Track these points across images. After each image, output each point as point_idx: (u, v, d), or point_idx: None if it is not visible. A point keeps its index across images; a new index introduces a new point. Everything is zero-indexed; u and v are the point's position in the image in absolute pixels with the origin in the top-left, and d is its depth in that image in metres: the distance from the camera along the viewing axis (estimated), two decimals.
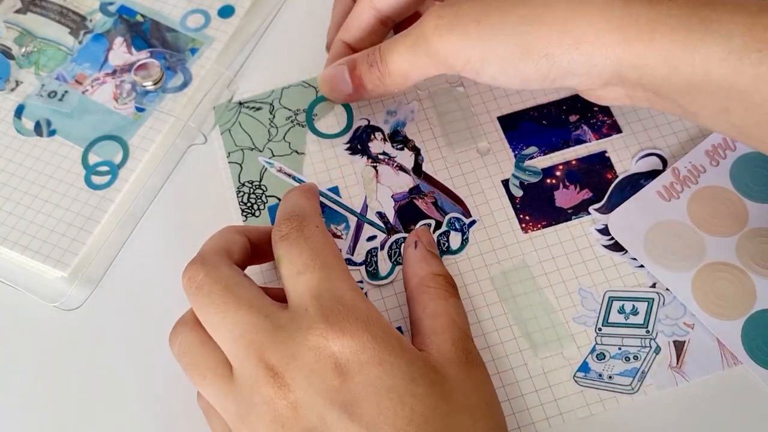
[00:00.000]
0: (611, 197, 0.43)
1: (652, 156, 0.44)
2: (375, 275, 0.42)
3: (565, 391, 0.39)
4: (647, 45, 0.34)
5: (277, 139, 0.47)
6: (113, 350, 0.42)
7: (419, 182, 0.45)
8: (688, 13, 0.34)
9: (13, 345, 0.42)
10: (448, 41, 0.38)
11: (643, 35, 0.34)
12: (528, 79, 0.38)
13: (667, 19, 0.34)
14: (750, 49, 0.32)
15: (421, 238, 0.41)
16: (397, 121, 0.47)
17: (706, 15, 0.34)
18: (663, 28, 0.34)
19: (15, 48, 0.50)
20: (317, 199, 0.39)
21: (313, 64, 0.49)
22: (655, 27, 0.34)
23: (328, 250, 0.35)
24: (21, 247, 0.44)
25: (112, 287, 0.44)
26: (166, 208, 0.46)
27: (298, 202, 0.38)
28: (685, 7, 0.34)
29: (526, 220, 0.43)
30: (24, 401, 0.41)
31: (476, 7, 0.38)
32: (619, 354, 0.39)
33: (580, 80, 0.37)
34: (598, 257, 0.42)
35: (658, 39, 0.34)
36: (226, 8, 0.51)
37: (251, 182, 0.46)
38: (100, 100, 0.48)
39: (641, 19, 0.34)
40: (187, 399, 0.39)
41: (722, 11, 0.33)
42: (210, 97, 0.48)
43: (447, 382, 0.33)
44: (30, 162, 0.46)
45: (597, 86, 0.38)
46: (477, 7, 0.38)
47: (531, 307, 0.41)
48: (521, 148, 0.45)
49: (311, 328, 0.32)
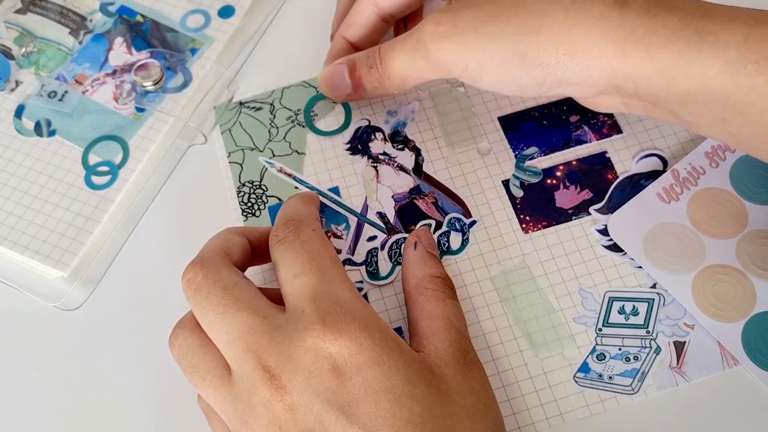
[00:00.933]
0: (612, 197, 0.43)
1: (652, 156, 0.44)
2: (375, 275, 0.42)
3: (565, 391, 0.39)
4: (643, 56, 0.34)
5: (278, 139, 0.47)
6: (113, 350, 0.42)
7: (420, 182, 0.45)
8: (684, 24, 0.34)
9: (13, 345, 0.42)
10: (446, 49, 0.38)
11: (639, 46, 0.34)
12: (524, 87, 0.38)
13: (663, 30, 0.34)
14: (746, 60, 0.32)
15: (421, 239, 0.41)
16: (398, 122, 0.47)
17: (703, 26, 0.34)
18: (659, 39, 0.34)
19: (15, 48, 0.50)
20: (316, 206, 0.40)
21: (314, 64, 0.49)
22: (651, 39, 0.34)
23: (325, 253, 0.35)
24: (21, 247, 0.44)
25: (112, 287, 0.44)
26: (166, 208, 0.46)
27: (296, 208, 0.38)
28: (682, 18, 0.34)
29: (527, 221, 0.43)
30: (24, 401, 0.41)
31: (474, 14, 0.38)
32: (619, 354, 0.39)
33: (576, 89, 0.38)
34: (598, 257, 0.42)
35: (654, 50, 0.34)
36: (226, 8, 0.51)
37: (251, 182, 0.46)
38: (100, 100, 0.48)
39: (637, 31, 0.34)
40: (187, 399, 0.39)
41: (719, 22, 0.33)
42: (210, 97, 0.48)
43: (444, 384, 0.33)
44: (30, 162, 0.46)
45: (592, 95, 0.38)
46: (475, 15, 0.38)
47: (531, 308, 0.41)
48: (522, 149, 0.45)
49: (308, 329, 0.32)
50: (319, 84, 0.46)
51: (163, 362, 0.39)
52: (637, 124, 0.45)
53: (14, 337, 0.43)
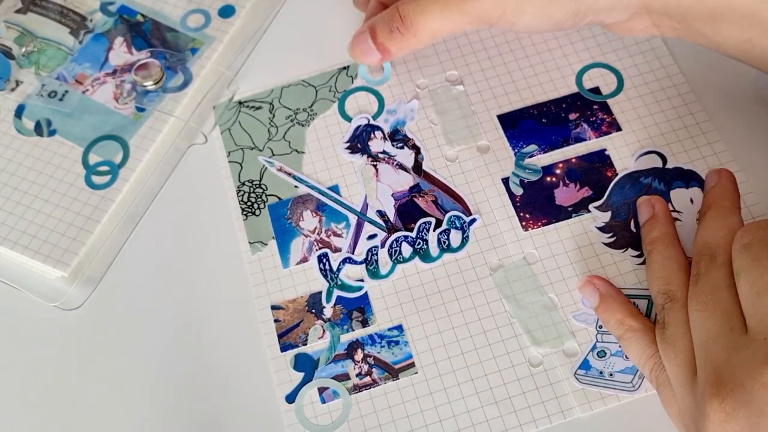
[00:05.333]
0: (611, 195, 0.43)
1: (651, 153, 0.44)
2: (375, 274, 0.42)
3: (566, 388, 0.39)
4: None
5: (277, 138, 0.47)
6: (113, 350, 0.42)
7: (419, 181, 0.45)
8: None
9: (13, 345, 0.42)
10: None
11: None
12: (559, 22, 0.40)
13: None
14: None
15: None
16: (397, 120, 0.47)
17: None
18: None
19: (15, 48, 0.50)
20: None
21: (313, 63, 0.49)
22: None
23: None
24: (21, 247, 0.44)
25: (112, 287, 0.44)
26: (166, 208, 0.46)
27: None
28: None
29: (527, 218, 0.43)
30: (24, 401, 0.41)
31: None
32: (619, 351, 0.39)
33: (609, 15, 0.39)
34: (598, 255, 0.42)
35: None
36: (226, 8, 0.51)
37: (251, 181, 0.46)
38: (101, 100, 0.48)
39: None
40: (186, 399, 0.39)
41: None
42: (210, 97, 0.48)
43: None
44: (30, 162, 0.46)
45: (626, 18, 0.40)
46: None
47: (532, 305, 0.41)
48: (521, 146, 0.45)
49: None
50: (350, 55, 0.45)
51: (163, 362, 0.39)
52: (636, 122, 0.45)
53: (14, 337, 0.43)
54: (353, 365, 0.40)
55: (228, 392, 0.40)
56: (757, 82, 0.45)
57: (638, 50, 0.48)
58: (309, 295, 0.42)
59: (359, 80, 0.48)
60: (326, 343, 0.41)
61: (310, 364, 0.40)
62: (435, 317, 0.41)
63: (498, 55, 0.48)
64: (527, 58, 0.48)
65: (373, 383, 0.40)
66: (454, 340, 0.40)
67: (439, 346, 0.40)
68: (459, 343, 0.40)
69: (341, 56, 0.49)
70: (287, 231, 0.44)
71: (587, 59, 0.48)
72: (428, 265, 0.42)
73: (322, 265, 0.43)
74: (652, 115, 0.46)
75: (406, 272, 0.42)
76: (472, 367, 0.40)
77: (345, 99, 0.48)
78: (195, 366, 0.41)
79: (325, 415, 0.39)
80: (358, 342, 0.41)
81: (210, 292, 0.43)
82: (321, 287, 0.42)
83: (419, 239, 0.43)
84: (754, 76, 0.45)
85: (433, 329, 0.41)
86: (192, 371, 0.41)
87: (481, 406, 0.39)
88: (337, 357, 0.40)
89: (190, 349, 0.41)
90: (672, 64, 0.47)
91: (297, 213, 0.44)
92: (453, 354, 0.40)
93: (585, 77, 0.47)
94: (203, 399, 0.40)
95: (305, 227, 0.44)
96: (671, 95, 0.46)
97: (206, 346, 0.41)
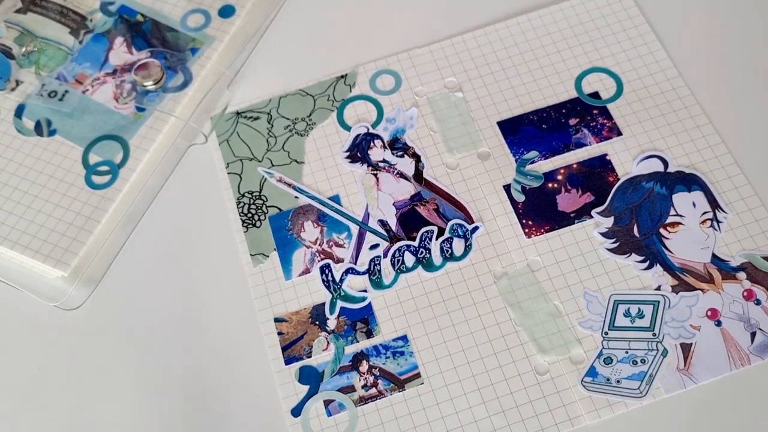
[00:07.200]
0: (613, 200, 0.43)
1: (653, 158, 0.44)
2: (379, 284, 0.42)
3: (573, 396, 0.39)
4: None
5: (276, 149, 0.46)
6: (113, 350, 0.41)
7: (420, 189, 0.45)
8: None
9: (13, 345, 0.42)
10: None
11: None
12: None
13: None
14: None
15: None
16: (397, 128, 0.47)
17: None
18: None
19: (15, 48, 0.50)
20: None
21: (311, 72, 0.49)
22: None
23: None
24: (21, 246, 0.43)
25: (112, 287, 0.43)
26: (166, 208, 0.45)
27: None
28: None
29: (529, 225, 0.43)
30: (24, 400, 0.40)
31: None
32: (626, 358, 0.39)
33: None
34: (602, 260, 0.42)
35: None
36: (226, 8, 0.51)
37: (251, 193, 0.45)
38: (101, 100, 0.48)
39: None
40: (186, 398, 0.39)
41: None
42: (210, 97, 0.48)
43: None
44: (30, 162, 0.46)
45: None
46: None
47: (536, 313, 0.41)
48: (522, 153, 0.45)
49: None
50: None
51: (163, 362, 0.39)
52: (637, 126, 0.45)
53: (14, 336, 0.42)
54: (359, 377, 0.40)
55: (232, 406, 0.40)
56: None
57: (636, 54, 0.48)
58: (312, 306, 0.42)
59: (357, 88, 0.48)
60: (331, 355, 0.40)
61: (315, 376, 0.40)
62: (440, 327, 0.41)
63: (496, 61, 0.48)
64: (526, 64, 0.48)
65: (379, 395, 0.39)
66: (460, 349, 0.40)
67: (444, 355, 0.40)
68: (464, 352, 0.40)
69: (339, 64, 0.49)
70: (289, 242, 0.44)
71: (586, 64, 0.48)
72: (431, 275, 0.42)
73: (324, 276, 0.42)
74: (652, 119, 0.46)
75: (410, 282, 0.42)
76: (479, 376, 0.39)
77: (344, 108, 0.47)
78: (199, 378, 0.40)
79: (332, 428, 0.39)
80: (363, 353, 0.40)
81: (211, 302, 0.42)
82: (324, 298, 0.42)
83: (422, 248, 0.43)
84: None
85: (438, 339, 0.40)
86: (196, 383, 0.40)
87: (489, 416, 0.38)
88: (342, 369, 0.40)
89: (192, 360, 0.41)
90: (671, 67, 0.47)
91: (298, 224, 0.44)
92: (459, 363, 0.40)
93: (584, 82, 0.47)
94: (208, 411, 0.40)
95: (307, 238, 0.44)
96: (671, 98, 0.46)
97: (209, 356, 0.41)
